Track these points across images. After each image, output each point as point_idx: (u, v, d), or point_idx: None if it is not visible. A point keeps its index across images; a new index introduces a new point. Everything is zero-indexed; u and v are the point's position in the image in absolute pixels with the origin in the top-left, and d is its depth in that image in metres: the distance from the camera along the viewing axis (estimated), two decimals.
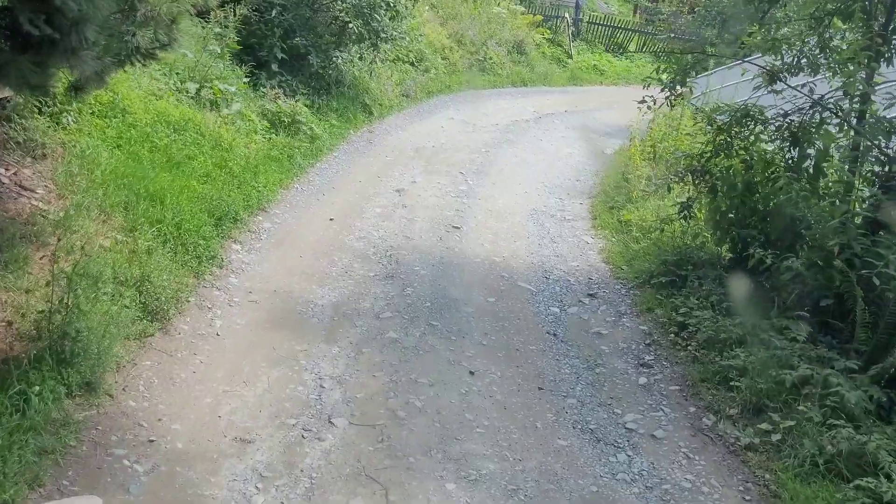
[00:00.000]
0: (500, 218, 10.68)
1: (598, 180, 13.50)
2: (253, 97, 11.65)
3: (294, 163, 10.64)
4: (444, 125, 15.05)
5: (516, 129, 15.90)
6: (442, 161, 12.83)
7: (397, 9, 13.37)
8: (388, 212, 10.11)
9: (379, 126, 13.99)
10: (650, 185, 10.94)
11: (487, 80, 18.92)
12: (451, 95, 17.29)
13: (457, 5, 20.01)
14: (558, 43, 22.63)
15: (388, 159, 12.37)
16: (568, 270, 9.16)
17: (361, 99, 13.90)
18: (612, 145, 16.06)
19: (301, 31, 13.00)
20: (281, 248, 8.33)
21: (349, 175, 11.26)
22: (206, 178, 8.47)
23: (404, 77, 16.17)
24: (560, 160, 14.38)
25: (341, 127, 12.79)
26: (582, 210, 11.69)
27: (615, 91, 21.66)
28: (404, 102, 15.57)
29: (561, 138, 15.90)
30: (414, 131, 14.20)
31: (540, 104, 18.40)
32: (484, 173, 12.63)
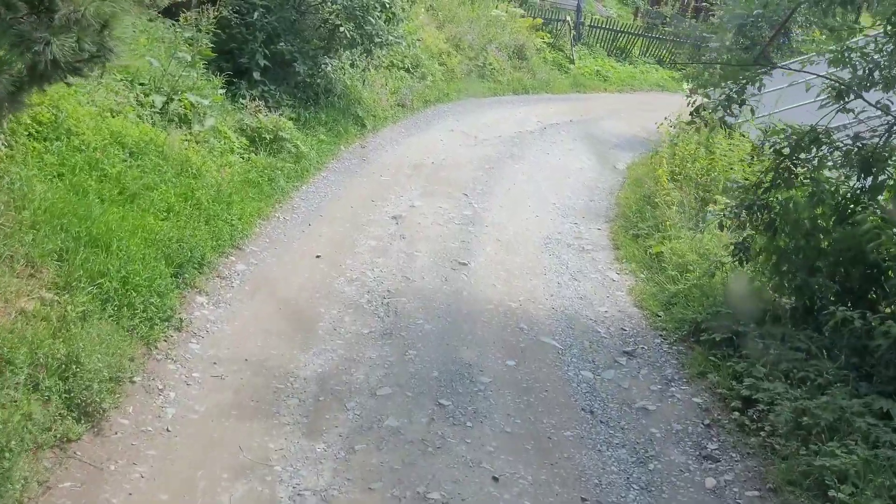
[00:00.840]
0: (512, 249, 9.17)
1: (615, 200, 12.02)
2: (231, 110, 10.09)
3: (276, 186, 9.09)
4: (444, 138, 13.53)
5: (521, 141, 14.40)
6: (443, 180, 11.30)
7: (393, 11, 11.84)
8: (385, 245, 8.58)
9: (372, 140, 12.45)
10: (681, 212, 9.44)
11: (487, 88, 17.42)
12: (450, 104, 15.76)
13: (454, 7, 18.49)
14: (559, 48, 21.15)
15: (383, 179, 10.83)
16: (595, 317, 7.66)
17: (353, 110, 12.36)
18: (624, 159, 14.60)
19: (286, 35, 11.45)
20: (256, 298, 6.78)
21: (339, 199, 9.71)
22: (167, 214, 6.91)
23: (399, 85, 14.63)
24: (570, 177, 12.89)
25: (330, 142, 11.24)
26: (601, 237, 10.20)
27: (620, 98, 20.20)
28: (400, 113, 14.03)
29: (569, 151, 14.41)
30: (411, 146, 12.67)
31: (544, 113, 16.90)
32: (489, 194, 11.12)
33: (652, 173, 13.07)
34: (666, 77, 22.20)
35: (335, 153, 11.19)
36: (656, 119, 18.51)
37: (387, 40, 11.85)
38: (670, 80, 22.21)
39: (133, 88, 8.63)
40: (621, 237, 10.02)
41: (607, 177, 13.35)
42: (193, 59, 9.21)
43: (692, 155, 10.36)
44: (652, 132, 17.30)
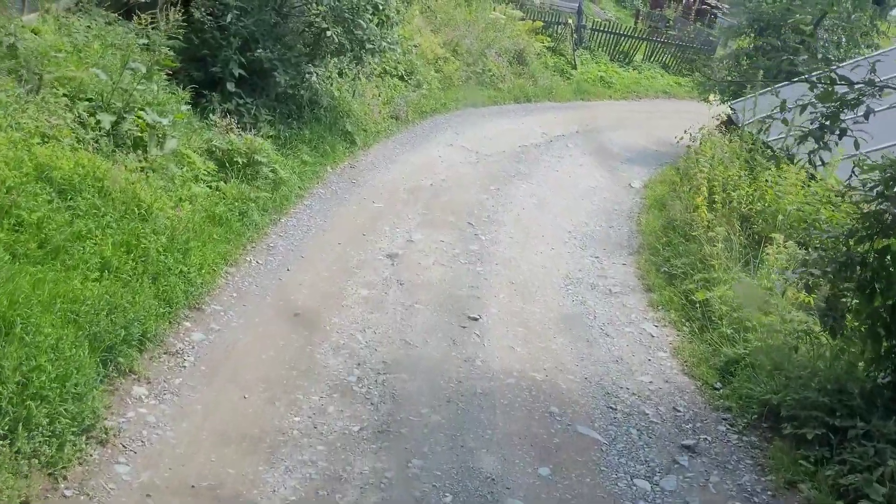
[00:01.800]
0: (529, 295, 7.59)
1: (636, 226, 10.46)
2: (198, 128, 8.45)
3: (249, 222, 7.46)
4: (443, 154, 11.91)
5: (526, 156, 12.80)
6: (444, 206, 9.70)
7: (387, 13, 10.21)
8: (379, 294, 6.98)
9: (364, 159, 10.82)
10: (727, 249, 7.86)
11: (487, 96, 15.82)
12: (448, 115, 14.14)
13: (450, 10, 16.88)
14: (560, 52, 19.58)
15: (375, 207, 9.21)
16: (639, 392, 6.08)
17: (341, 125, 10.73)
18: (639, 176, 13.05)
19: (265, 40, 9.81)
20: (215, 384, 5.16)
21: (325, 234, 8.09)
22: (102, 272, 5.28)
23: (393, 95, 13.01)
24: (584, 198, 11.32)
25: (315, 163, 9.61)
26: (628, 275, 8.63)
27: (626, 107, 18.64)
28: (394, 126, 12.40)
29: (579, 167, 12.83)
30: (407, 164, 11.05)
31: (548, 123, 15.31)
32: (497, 222, 9.52)
33: (673, 193, 11.55)
34: (671, 83, 20.66)
35: (321, 176, 9.55)
36: (667, 129, 17.00)
37: (379, 46, 10.22)
38: (676, 86, 20.67)
39: (75, 106, 6.97)
40: (652, 276, 8.45)
41: (624, 197, 11.79)
42: (150, 69, 7.55)
43: (733, 180, 8.74)
44: (664, 144, 15.80)
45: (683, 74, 21.27)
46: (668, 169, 13.63)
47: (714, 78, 15.11)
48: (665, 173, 13.26)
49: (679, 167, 12.86)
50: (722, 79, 14.34)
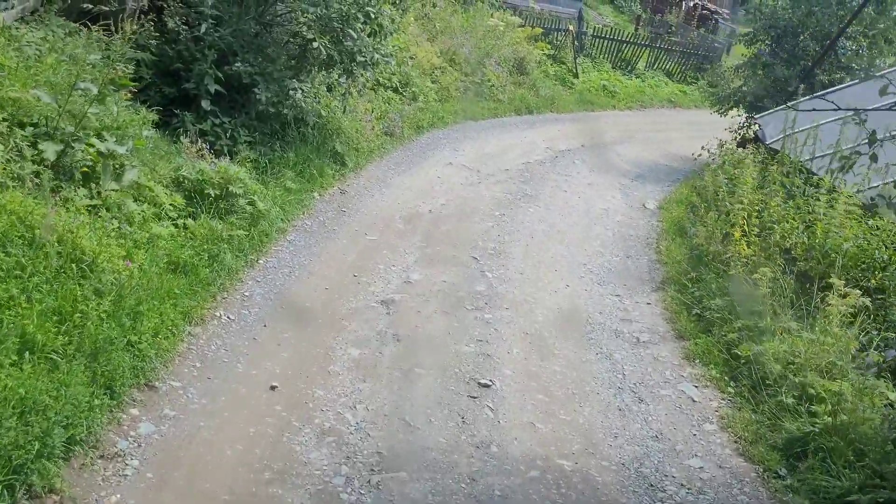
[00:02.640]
0: (546, 349, 6.44)
1: (656, 255, 9.34)
2: (165, 154, 7.28)
3: (220, 267, 6.29)
4: (442, 175, 10.76)
5: (532, 175, 11.66)
6: (445, 237, 8.55)
7: (380, 22, 9.05)
8: (372, 356, 5.81)
9: (355, 182, 9.65)
10: (773, 292, 6.72)
11: (487, 108, 14.68)
12: (446, 130, 12.99)
13: (447, 16, 15.74)
14: (561, 60, 18.47)
15: (368, 241, 8.05)
16: (688, 481, 4.93)
17: (330, 144, 9.56)
18: (652, 195, 11.93)
19: (245, 53, 8.66)
20: (164, 498, 3.99)
21: (309, 277, 6.93)
22: (22, 355, 4.10)
23: (387, 109, 11.85)
24: (597, 223, 10.18)
25: (301, 190, 8.44)
26: (655, 317, 7.49)
27: (631, 117, 17.53)
28: (388, 144, 11.24)
29: (588, 187, 11.70)
30: (402, 187, 9.89)
31: (551, 137, 14.18)
32: (505, 255, 8.38)
33: (693, 216, 10.43)
34: (676, 92, 19.57)
35: (306, 205, 8.38)
36: (676, 142, 15.92)
37: (372, 59, 9.05)
38: (681, 94, 19.59)
39: (12, 134, 5.80)
40: (683, 319, 7.32)
41: (639, 220, 10.66)
42: (102, 89, 6.36)
43: (775, 210, 7.58)
44: (674, 158, 14.71)
45: (688, 82, 20.19)
46: (682, 187, 12.54)
47: (727, 88, 14.01)
48: (680, 192, 12.16)
49: (696, 186, 11.76)
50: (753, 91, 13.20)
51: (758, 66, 13.21)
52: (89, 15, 8.03)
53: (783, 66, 12.95)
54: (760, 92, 13.25)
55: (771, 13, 13.34)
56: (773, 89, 13.17)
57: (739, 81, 14.09)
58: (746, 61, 13.61)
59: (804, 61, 12.90)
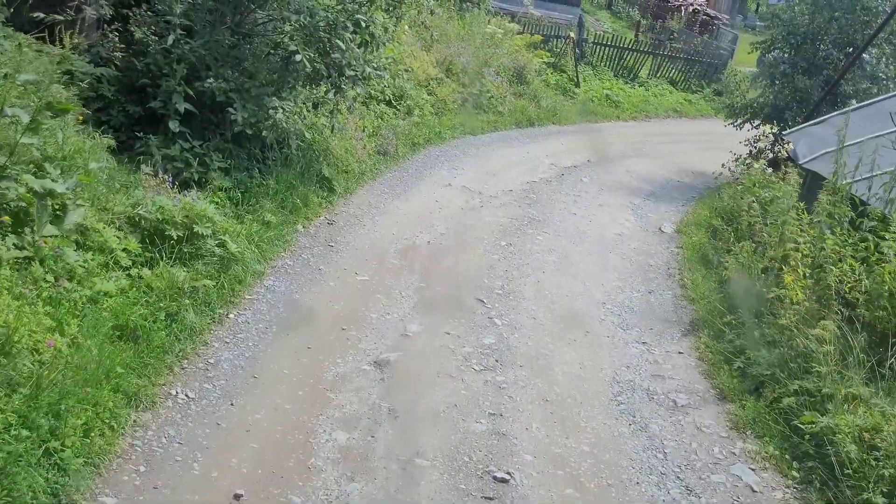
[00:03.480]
0: (570, 420, 5.33)
1: (680, 289, 8.26)
2: (123, 187, 6.16)
3: (180, 328, 5.17)
4: (440, 198, 9.64)
5: (538, 196, 10.56)
6: (446, 274, 7.44)
7: (371, 32, 7.92)
8: (362, 442, 4.68)
9: (344, 210, 8.52)
10: (840, 353, 5.60)
11: (487, 122, 13.57)
12: (444, 147, 11.87)
13: (442, 23, 14.62)
14: (562, 68, 17.40)
15: (358, 282, 6.93)
16: None
17: (316, 168, 8.43)
18: (668, 217, 10.83)
19: (218, 67, 7.56)
20: None
21: (289, 335, 5.79)
22: None
23: (380, 125, 10.73)
24: (611, 250, 9.08)
25: (282, 224, 7.31)
26: (689, 370, 6.40)
27: (637, 129, 16.43)
28: (381, 164, 10.11)
29: (598, 208, 10.59)
30: (398, 214, 8.77)
31: (556, 152, 13.09)
32: (514, 294, 7.27)
33: (718, 242, 9.36)
34: (681, 101, 18.50)
35: (288, 241, 7.25)
36: (686, 155, 14.84)
37: (363, 73, 7.92)
38: (686, 104, 18.52)
39: None
40: (723, 374, 6.23)
41: (656, 247, 9.56)
42: (36, 116, 5.22)
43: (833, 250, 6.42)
44: (686, 173, 13.62)
45: (693, 91, 19.13)
46: (698, 206, 11.45)
47: (740, 99, 12.95)
48: (697, 213, 11.07)
49: (715, 207, 10.68)
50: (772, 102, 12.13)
51: (776, 75, 12.14)
52: (41, 26, 6.87)
53: (804, 76, 11.88)
54: (779, 103, 12.18)
55: (789, 19, 12.27)
56: (792, 100, 12.10)
57: (755, 91, 13.02)
58: (762, 70, 12.54)
59: (826, 70, 11.83)
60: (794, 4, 12.69)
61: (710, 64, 19.45)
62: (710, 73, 19.41)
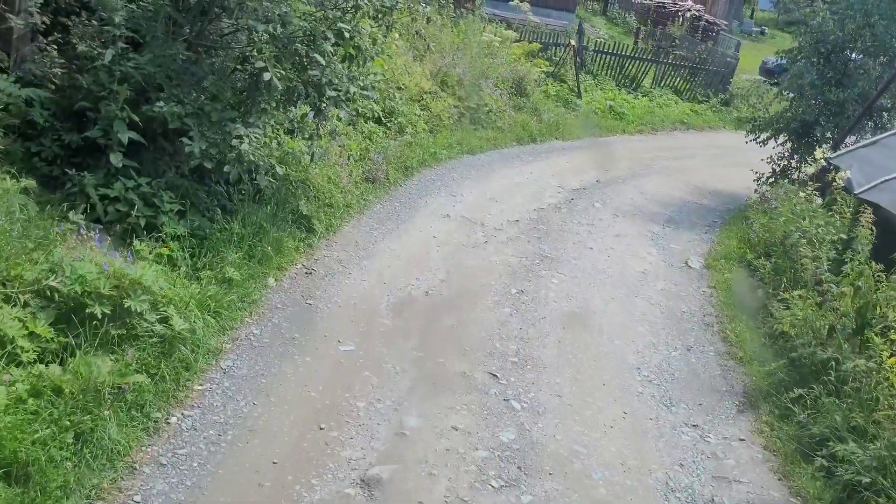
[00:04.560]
0: None
1: (723, 344, 6.91)
2: (37, 245, 4.68)
3: (96, 452, 3.70)
4: (438, 233, 8.20)
5: (547, 226, 9.14)
6: (449, 338, 6.00)
7: (357, 44, 6.47)
8: None
9: (326, 254, 7.06)
10: None
11: (486, 138, 12.15)
12: (440, 169, 10.42)
13: (436, 32, 13.19)
14: (562, 78, 16.02)
15: (341, 354, 5.47)
16: None
17: (293, 205, 6.97)
18: (692, 247, 9.47)
19: (173, 86, 6.11)
20: None
21: (248, 444, 4.32)
22: None
23: (368, 147, 9.28)
24: (637, 293, 7.69)
25: (248, 279, 5.85)
26: (756, 466, 5.04)
27: (644, 143, 15.03)
28: (369, 193, 8.66)
29: (615, 239, 9.19)
30: (389, 256, 7.32)
31: (561, 171, 11.69)
32: (533, 363, 5.84)
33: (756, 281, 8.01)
34: (687, 111, 17.13)
35: (255, 302, 5.78)
36: (700, 172, 13.45)
37: (347, 92, 6.45)
38: (693, 114, 17.16)
39: None
40: (803, 477, 4.87)
41: (685, 286, 8.17)
42: None
43: None
44: (702, 193, 12.23)
45: (699, 101, 17.78)
46: (724, 234, 10.07)
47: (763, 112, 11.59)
48: (724, 242, 9.69)
49: (747, 238, 9.30)
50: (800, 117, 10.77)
51: (804, 87, 10.78)
52: None
53: (836, 88, 10.52)
54: (808, 117, 10.82)
55: (817, 26, 10.92)
56: (822, 114, 10.75)
57: (777, 104, 11.65)
58: (790, 82, 11.18)
59: (861, 82, 10.48)
60: (819, 10, 11.33)
61: (715, 72, 18.12)
62: (715, 81, 18.07)
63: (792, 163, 11.54)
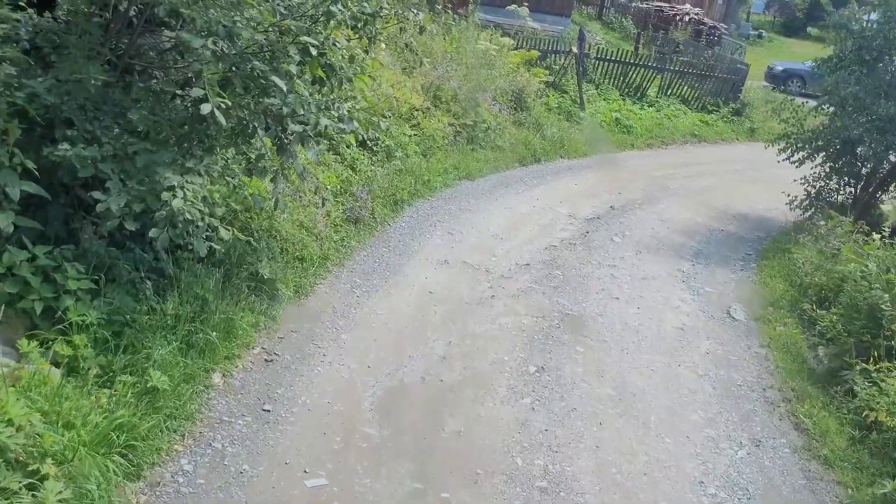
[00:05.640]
0: None
1: (800, 434, 5.35)
2: None
3: None
4: (435, 287, 6.61)
5: (564, 271, 7.56)
6: (453, 456, 4.40)
7: (330, 62, 4.84)
8: None
9: (294, 328, 5.42)
10: None
11: (485, 160, 10.56)
12: (435, 201, 8.82)
13: (427, 41, 11.59)
14: (563, 88, 14.47)
15: (307, 491, 3.86)
16: None
17: (250, 267, 5.34)
18: (730, 291, 7.97)
19: (85, 121, 4.50)
20: None
21: None
22: None
23: (350, 178, 7.66)
24: (680, 361, 6.14)
25: (182, 382, 4.23)
26: None
27: (656, 159, 13.46)
28: (351, 237, 7.05)
29: (643, 284, 7.62)
30: (374, 325, 5.71)
31: (570, 196, 10.12)
32: (565, 491, 4.26)
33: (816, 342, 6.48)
34: (698, 122, 15.59)
35: (190, 417, 4.15)
36: (720, 191, 11.89)
37: (316, 126, 4.82)
38: (704, 125, 15.63)
39: None
40: None
41: (733, 346, 6.63)
42: None
43: None
44: (727, 218, 10.63)
45: (709, 110, 16.25)
46: (763, 272, 8.54)
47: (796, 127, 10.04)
48: (766, 283, 8.16)
49: (800, 282, 7.72)
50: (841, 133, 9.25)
51: (847, 99, 9.24)
52: None
53: (884, 101, 8.99)
54: (852, 135, 9.29)
55: (860, 31, 9.39)
56: (868, 131, 9.21)
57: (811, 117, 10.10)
58: (831, 95, 9.64)
59: None
60: (854, 12, 9.79)
61: (725, 79, 16.58)
62: (726, 89, 16.53)
63: (830, 184, 10.01)
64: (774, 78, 21.39)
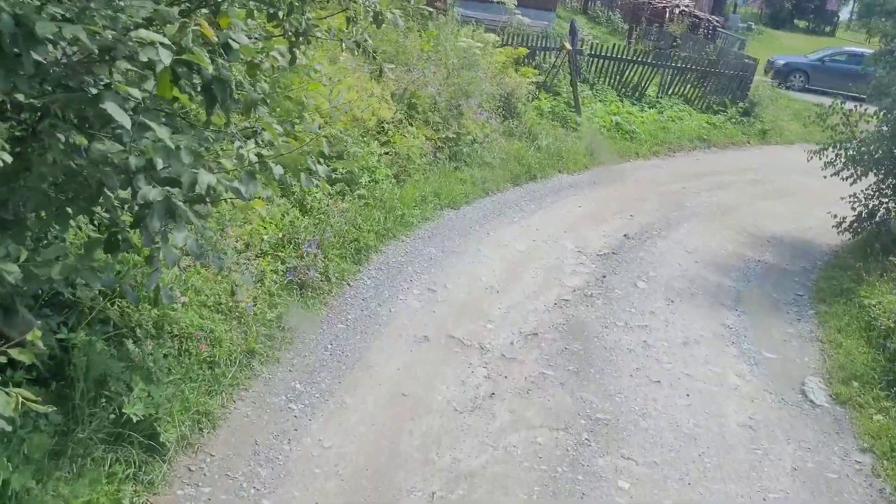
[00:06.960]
0: None
1: None
2: None
3: None
4: (409, 384, 4.51)
5: (584, 343, 5.49)
6: None
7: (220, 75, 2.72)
8: None
9: (186, 495, 3.32)
10: None
11: (471, 181, 8.44)
12: (411, 241, 6.72)
13: (397, 37, 9.45)
14: (555, 89, 12.41)
15: None
16: None
17: (111, 403, 3.22)
18: (793, 353, 5.95)
19: None
20: None
21: None
22: None
23: (296, 224, 5.52)
24: (765, 493, 4.05)
25: None
26: None
27: (664, 169, 11.41)
28: (292, 313, 4.92)
29: (685, 353, 5.59)
30: (315, 472, 3.61)
31: (576, 224, 8.07)
32: None
33: None
34: (704, 124, 13.56)
35: None
36: (744, 209, 9.80)
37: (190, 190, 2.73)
38: (711, 128, 13.62)
39: None
40: None
41: (826, 454, 4.64)
42: None
43: None
44: (761, 245, 8.49)
45: (714, 111, 14.23)
46: (827, 322, 6.50)
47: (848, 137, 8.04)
48: (834, 338, 6.13)
49: (879, 339, 5.74)
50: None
51: None
52: None
53: None
54: None
55: None
56: None
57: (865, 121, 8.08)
58: (881, 94, 7.64)
59: None
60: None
61: (731, 76, 14.56)
62: (731, 86, 14.52)
63: (884, 202, 8.05)
64: (777, 73, 19.45)
